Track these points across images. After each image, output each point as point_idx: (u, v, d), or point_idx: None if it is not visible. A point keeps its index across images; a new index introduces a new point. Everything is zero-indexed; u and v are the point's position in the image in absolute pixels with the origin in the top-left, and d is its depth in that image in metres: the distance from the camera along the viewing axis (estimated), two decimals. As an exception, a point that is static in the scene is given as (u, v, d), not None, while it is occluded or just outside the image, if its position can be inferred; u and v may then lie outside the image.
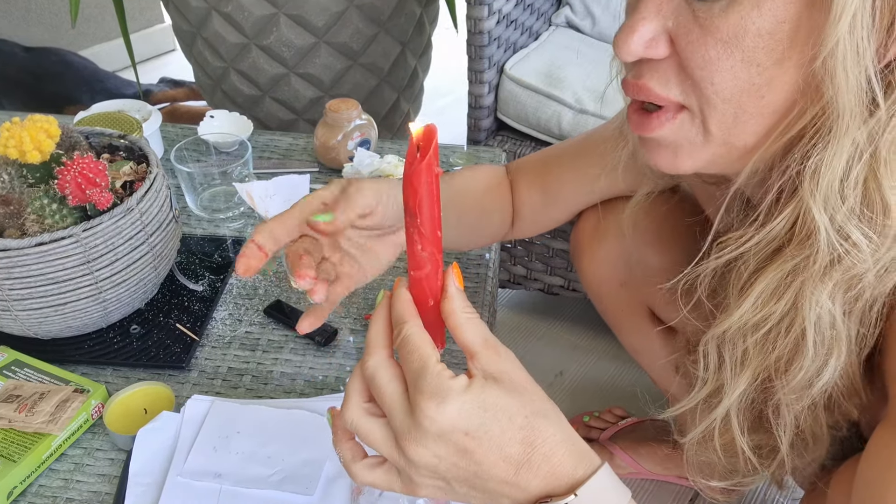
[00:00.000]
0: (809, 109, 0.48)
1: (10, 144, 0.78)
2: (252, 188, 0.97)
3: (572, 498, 0.47)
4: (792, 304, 0.54)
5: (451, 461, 0.47)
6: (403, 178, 0.46)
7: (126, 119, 1.17)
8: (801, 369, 0.57)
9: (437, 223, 0.48)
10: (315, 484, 0.73)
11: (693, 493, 1.23)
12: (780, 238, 0.53)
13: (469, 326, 0.50)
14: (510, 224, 0.92)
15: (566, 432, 0.49)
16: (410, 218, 0.47)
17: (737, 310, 0.57)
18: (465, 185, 0.86)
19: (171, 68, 2.57)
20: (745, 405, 0.64)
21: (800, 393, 0.59)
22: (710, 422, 0.65)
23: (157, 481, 0.74)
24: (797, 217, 0.51)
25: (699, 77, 0.49)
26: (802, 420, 0.62)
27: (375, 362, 0.50)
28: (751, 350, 0.59)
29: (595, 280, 0.97)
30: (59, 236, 0.76)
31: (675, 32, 0.49)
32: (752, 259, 0.55)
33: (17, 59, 2.12)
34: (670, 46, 0.50)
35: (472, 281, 1.00)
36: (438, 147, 0.46)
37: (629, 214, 0.81)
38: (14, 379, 0.83)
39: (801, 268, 0.53)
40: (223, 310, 0.96)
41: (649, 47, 0.50)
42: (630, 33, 0.50)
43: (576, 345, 1.53)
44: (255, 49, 1.52)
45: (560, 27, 1.55)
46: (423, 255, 0.49)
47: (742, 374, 0.60)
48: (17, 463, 0.74)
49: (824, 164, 0.48)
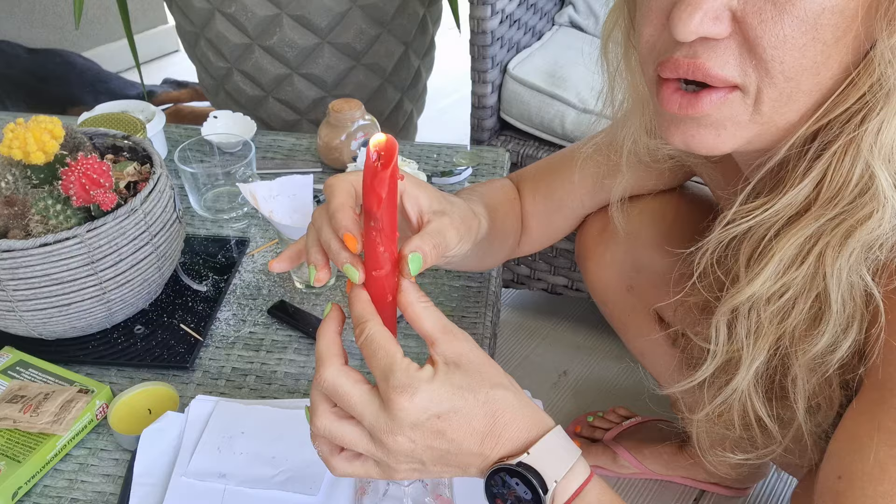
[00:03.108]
0: (860, 84, 0.49)
1: (14, 145, 0.78)
2: (255, 188, 0.97)
3: (525, 455, 0.51)
4: (815, 269, 0.54)
5: (426, 444, 0.51)
6: (364, 184, 0.49)
7: (130, 120, 1.18)
8: (823, 334, 0.56)
9: (395, 225, 0.52)
10: (319, 484, 0.73)
11: (697, 493, 1.23)
12: (800, 203, 0.54)
13: (426, 315, 0.53)
14: (518, 241, 0.91)
15: (522, 401, 0.53)
16: (374, 221, 0.50)
17: (756, 278, 0.56)
18: (495, 208, 0.82)
19: (175, 69, 2.57)
20: (760, 376, 0.63)
21: (822, 359, 0.58)
22: (728, 394, 0.64)
23: (161, 481, 0.74)
24: (821, 180, 0.52)
25: (770, 56, 0.48)
26: (818, 385, 0.62)
27: (333, 372, 0.52)
28: (769, 319, 0.59)
29: (601, 284, 0.97)
30: (64, 237, 0.76)
31: (742, 11, 0.48)
32: (770, 228, 0.56)
33: (20, 61, 2.12)
34: (732, 24, 0.49)
35: (476, 281, 1.00)
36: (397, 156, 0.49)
37: (616, 208, 0.82)
38: (19, 379, 0.83)
39: (824, 230, 0.53)
40: (227, 310, 0.96)
41: (714, 25, 0.48)
42: (694, 10, 0.47)
43: (579, 345, 1.52)
44: (258, 49, 1.52)
45: (563, 27, 1.55)
46: (385, 256, 0.52)
47: (757, 344, 0.60)
48: (22, 463, 0.74)
49: (885, 126, 0.48)
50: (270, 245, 1.06)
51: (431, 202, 0.62)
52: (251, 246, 1.06)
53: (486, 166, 1.21)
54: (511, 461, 0.51)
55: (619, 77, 0.69)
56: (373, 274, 0.53)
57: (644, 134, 0.71)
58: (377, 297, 0.54)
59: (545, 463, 0.51)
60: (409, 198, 0.61)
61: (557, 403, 1.40)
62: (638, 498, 1.22)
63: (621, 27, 0.66)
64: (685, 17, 0.48)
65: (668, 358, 0.94)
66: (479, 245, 0.73)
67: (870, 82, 0.48)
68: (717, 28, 0.48)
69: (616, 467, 1.22)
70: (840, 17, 0.47)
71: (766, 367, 0.63)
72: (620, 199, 0.83)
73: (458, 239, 0.62)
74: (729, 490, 1.21)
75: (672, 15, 0.49)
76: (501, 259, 0.91)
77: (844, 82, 0.50)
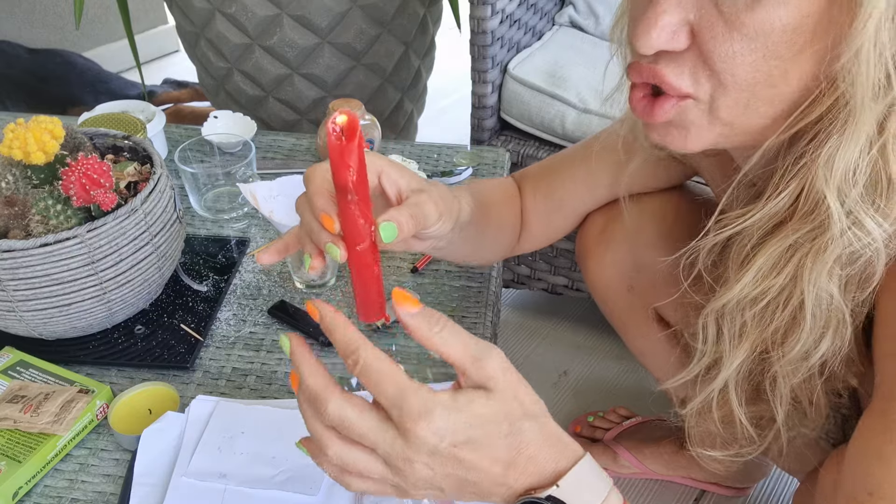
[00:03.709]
0: (824, 99, 0.49)
1: (14, 146, 0.78)
2: (256, 188, 0.97)
3: (554, 488, 0.49)
4: (791, 278, 0.55)
5: (444, 472, 0.49)
6: (332, 163, 0.49)
7: (130, 120, 1.18)
8: (798, 342, 0.58)
9: (368, 196, 0.52)
10: (319, 484, 0.73)
11: (698, 493, 1.23)
12: (781, 214, 0.55)
13: (450, 343, 0.49)
14: (518, 238, 0.91)
15: (549, 430, 0.51)
16: (350, 195, 0.50)
17: (736, 283, 0.58)
18: (487, 199, 0.84)
19: (175, 69, 2.57)
20: (743, 377, 0.65)
21: (797, 365, 0.60)
22: (708, 392, 0.66)
23: (161, 481, 0.74)
24: (800, 193, 0.53)
25: (721, 69, 0.50)
26: (799, 390, 0.64)
27: (336, 405, 0.49)
28: (749, 323, 0.60)
29: (601, 283, 0.97)
30: (64, 237, 0.76)
31: (697, 25, 0.49)
32: (755, 234, 0.57)
33: (21, 61, 2.12)
34: (690, 38, 0.50)
35: (476, 281, 1.00)
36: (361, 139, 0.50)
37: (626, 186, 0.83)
38: (19, 379, 0.83)
39: (801, 242, 0.54)
40: (227, 310, 0.96)
41: (671, 40, 0.50)
42: (651, 26, 0.49)
43: (580, 344, 1.52)
44: (258, 49, 1.52)
45: (563, 27, 1.55)
46: (365, 228, 0.52)
47: (740, 346, 0.62)
48: (23, 463, 0.74)
49: (839, 153, 0.49)
50: (271, 245, 1.06)
51: (410, 182, 0.64)
52: (251, 246, 1.06)
53: (487, 166, 1.21)
54: (540, 494, 0.49)
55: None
56: (357, 249, 0.53)
57: None
58: (363, 271, 0.54)
59: (577, 496, 0.49)
60: (388, 179, 0.64)
61: (558, 403, 1.40)
62: (638, 498, 1.22)
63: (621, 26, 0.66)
64: (642, 34, 0.50)
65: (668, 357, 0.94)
66: (467, 231, 0.74)
67: (833, 98, 0.49)
68: (674, 43, 0.50)
69: (616, 467, 1.22)
70: (794, 35, 0.47)
71: (749, 367, 0.64)
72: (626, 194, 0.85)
73: (438, 215, 0.64)
74: (729, 490, 1.21)
75: (633, 29, 0.51)
76: (500, 253, 0.92)
77: (815, 91, 0.50)
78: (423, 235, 0.67)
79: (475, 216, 0.76)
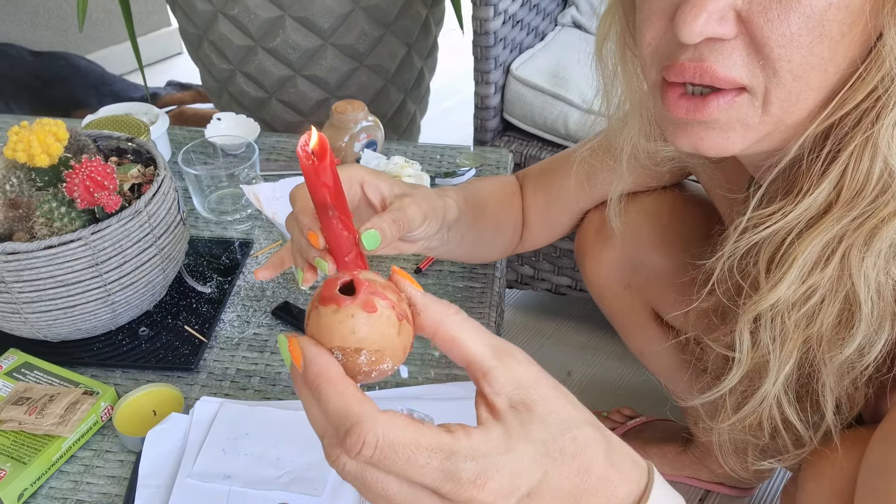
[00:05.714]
0: (869, 79, 0.48)
1: (18, 148, 0.78)
2: (259, 190, 0.97)
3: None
4: (840, 270, 0.53)
5: None
6: (308, 184, 0.50)
7: (133, 122, 1.18)
8: (853, 339, 0.55)
9: (347, 208, 0.52)
10: (323, 485, 0.73)
11: (703, 493, 1.22)
12: (822, 205, 0.52)
13: (467, 337, 0.41)
14: (520, 236, 0.92)
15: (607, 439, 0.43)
16: (330, 211, 0.51)
17: (778, 285, 0.55)
18: (483, 197, 0.84)
19: (178, 71, 2.58)
20: (791, 382, 0.61)
21: (853, 362, 0.57)
22: (757, 402, 0.62)
23: (166, 483, 0.75)
24: (840, 180, 0.51)
25: (777, 55, 0.48)
26: (847, 387, 0.61)
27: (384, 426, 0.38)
28: (795, 324, 0.57)
29: (599, 282, 0.97)
30: (68, 239, 0.77)
31: (748, 10, 0.47)
32: (790, 232, 0.54)
33: (24, 64, 2.13)
34: (738, 25, 0.48)
35: (480, 282, 1.00)
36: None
37: (613, 210, 0.82)
38: (24, 381, 0.83)
39: (847, 230, 0.51)
40: (231, 311, 0.96)
41: (719, 26, 0.48)
42: (699, 12, 0.46)
43: (584, 345, 1.52)
44: (261, 51, 1.52)
45: (566, 27, 1.55)
46: (349, 239, 0.53)
47: (787, 349, 0.58)
48: (28, 465, 0.74)
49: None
50: (274, 246, 1.06)
51: (392, 187, 0.65)
52: (255, 247, 1.06)
53: (490, 167, 1.21)
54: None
55: (615, 81, 0.69)
56: (345, 260, 0.54)
57: (643, 139, 0.71)
58: None
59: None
60: (370, 187, 0.65)
61: (562, 404, 1.39)
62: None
63: (616, 30, 0.65)
64: (690, 19, 0.47)
65: (668, 357, 0.94)
66: (460, 230, 0.74)
67: (879, 76, 0.48)
68: (722, 29, 0.48)
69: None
70: (846, 13, 0.46)
71: (797, 372, 0.61)
72: (618, 199, 0.83)
73: (423, 217, 0.64)
74: (734, 490, 1.20)
75: (677, 17, 0.48)
76: (500, 251, 0.92)
77: (853, 77, 0.49)
78: (411, 238, 0.67)
79: (466, 215, 0.76)
